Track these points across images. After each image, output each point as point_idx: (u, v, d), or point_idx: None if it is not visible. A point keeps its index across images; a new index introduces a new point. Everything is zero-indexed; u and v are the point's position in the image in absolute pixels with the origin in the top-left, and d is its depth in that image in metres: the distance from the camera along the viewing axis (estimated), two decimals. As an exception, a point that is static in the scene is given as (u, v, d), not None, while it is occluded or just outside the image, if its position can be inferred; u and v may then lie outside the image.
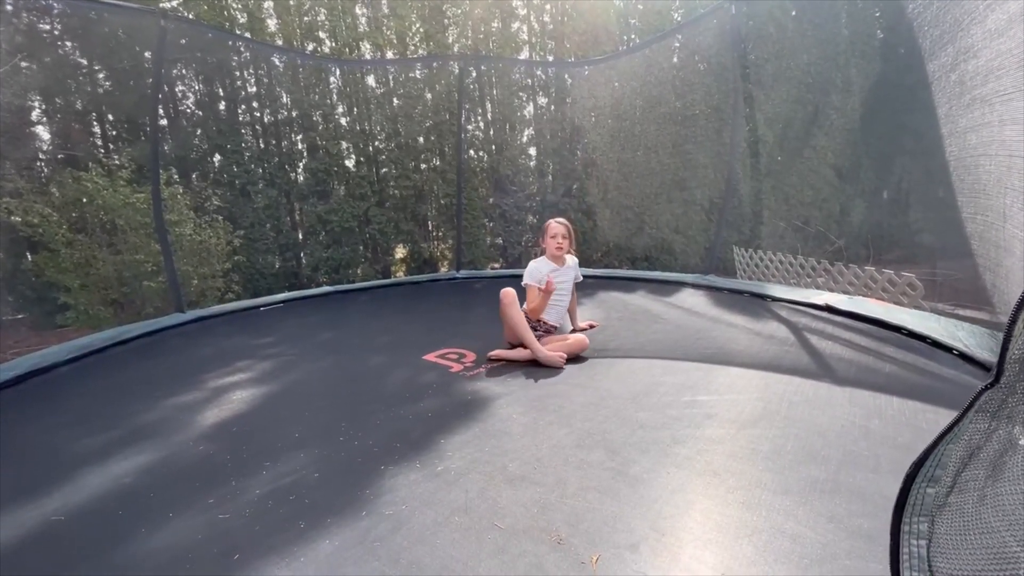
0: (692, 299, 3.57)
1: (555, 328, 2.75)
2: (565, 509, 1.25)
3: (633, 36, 9.13)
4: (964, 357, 1.99)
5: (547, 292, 2.59)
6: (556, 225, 2.71)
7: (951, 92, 1.90)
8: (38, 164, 6.93)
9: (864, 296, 3.90)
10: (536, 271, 2.66)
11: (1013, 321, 0.57)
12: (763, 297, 3.37)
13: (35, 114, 7.11)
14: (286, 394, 2.23)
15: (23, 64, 6.31)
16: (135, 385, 2.42)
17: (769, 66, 7.74)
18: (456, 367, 2.47)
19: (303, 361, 2.70)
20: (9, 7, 6.27)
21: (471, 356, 2.64)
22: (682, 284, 4.00)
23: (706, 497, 1.27)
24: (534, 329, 2.59)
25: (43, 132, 7.29)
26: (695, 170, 8.53)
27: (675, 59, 8.38)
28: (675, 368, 2.25)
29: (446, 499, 1.32)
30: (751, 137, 7.80)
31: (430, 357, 2.64)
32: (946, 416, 0.59)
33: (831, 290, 4.74)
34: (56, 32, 6.93)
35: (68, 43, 7.06)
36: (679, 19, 9.07)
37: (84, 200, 5.64)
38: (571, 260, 2.79)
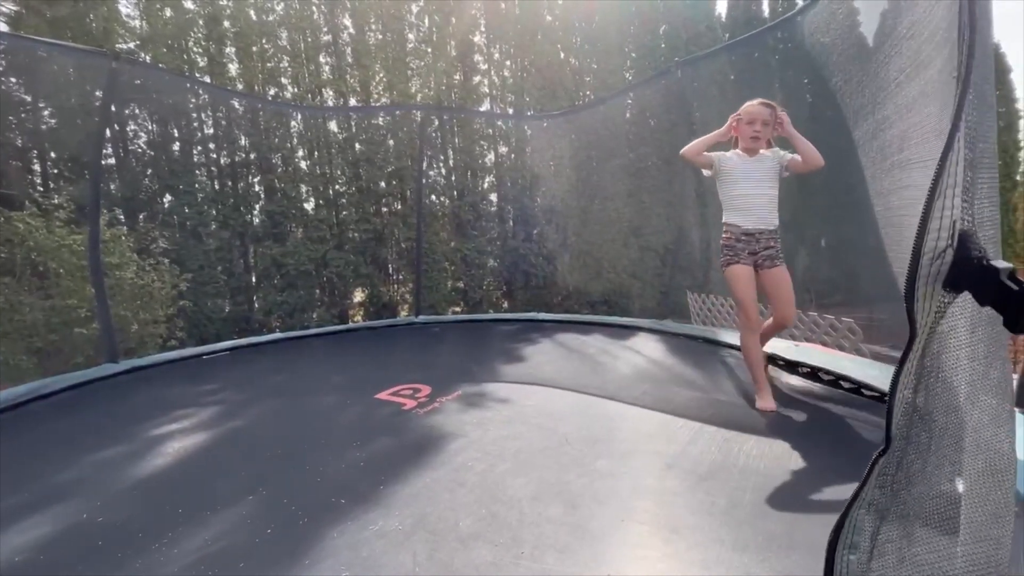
0: (649, 345, 3.62)
1: (752, 235, 2.29)
2: (521, 572, 1.19)
3: (588, 93, 9.67)
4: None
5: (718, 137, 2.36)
6: (758, 108, 2.28)
7: (874, 156, 2.08)
8: (-35, 202, 6.49)
9: (809, 341, 4.09)
10: (719, 156, 2.35)
11: (893, 391, 0.60)
12: (715, 344, 3.47)
13: (-33, 150, 6.73)
14: (220, 447, 2.08)
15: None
16: (51, 444, 2.19)
17: (713, 124, 8.32)
18: (409, 404, 2.38)
19: (244, 408, 2.54)
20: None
21: (426, 390, 2.56)
22: (639, 329, 4.08)
23: (666, 556, 1.24)
24: (727, 239, 2.32)
25: (-26, 169, 6.88)
26: (649, 218, 8.91)
27: (628, 115, 8.90)
28: (633, 414, 2.24)
29: (392, 563, 1.23)
30: (700, 187, 8.27)
31: (383, 395, 2.54)
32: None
33: (778, 334, 4.94)
34: (0, 68, 6.68)
35: (12, 79, 6.81)
36: (631, 79, 9.70)
37: (14, 241, 5.28)
38: (771, 153, 2.33)
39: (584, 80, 9.76)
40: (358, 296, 8.57)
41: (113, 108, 6.57)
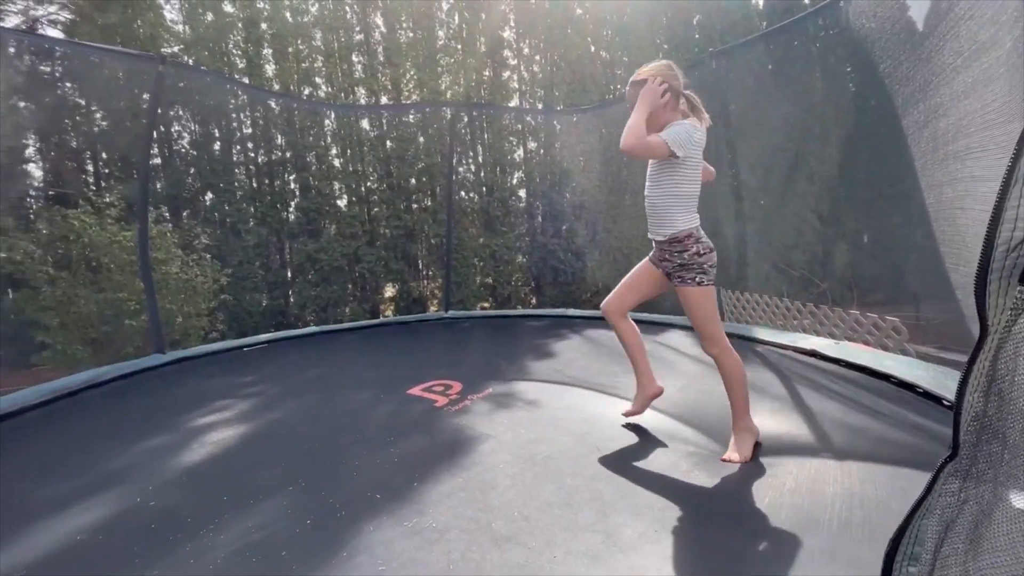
0: (682, 341, 3.56)
1: (654, 243, 1.95)
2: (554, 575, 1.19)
3: (619, 86, 9.52)
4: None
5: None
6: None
7: (925, 147, 1.97)
8: (27, 201, 6.92)
9: (850, 340, 3.93)
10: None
11: (961, 394, 0.57)
12: (751, 340, 3.37)
13: (29, 152, 7.15)
14: (262, 438, 2.15)
15: (21, 104, 6.39)
16: (105, 431, 2.32)
17: (749, 116, 8.07)
18: (441, 401, 2.41)
19: (283, 401, 2.62)
20: (12, 49, 6.39)
21: (457, 387, 2.59)
22: (671, 326, 4.01)
23: (699, 567, 1.21)
24: None
25: (35, 170, 7.33)
26: (681, 213, 8.68)
27: (660, 108, 8.70)
28: (666, 419, 2.21)
29: (427, 560, 1.25)
30: (734, 182, 8.05)
31: (415, 391, 2.58)
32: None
33: (817, 333, 4.77)
34: (57, 74, 7.07)
35: (68, 84, 7.20)
36: (663, 71, 9.47)
37: (70, 237, 5.59)
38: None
39: (615, 73, 9.61)
40: (389, 291, 8.71)
41: (159, 110, 6.86)
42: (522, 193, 9.36)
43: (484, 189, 8.92)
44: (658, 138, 1.70)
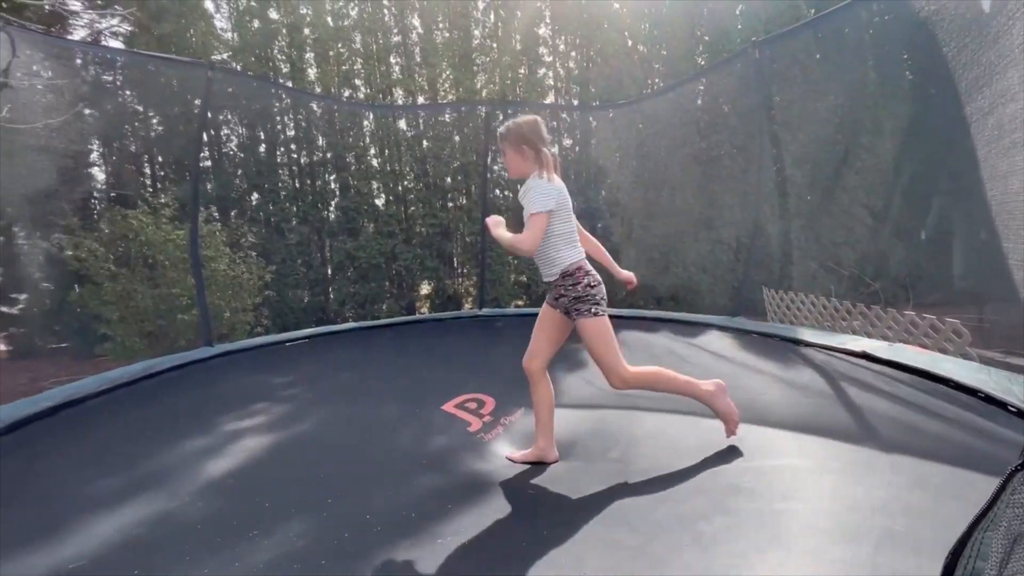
0: (720, 343, 3.45)
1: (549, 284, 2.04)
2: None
3: (657, 80, 9.31)
4: (1021, 414, 1.83)
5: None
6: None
7: (989, 135, 1.84)
8: (91, 202, 7.41)
9: (904, 343, 3.71)
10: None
11: None
12: (795, 342, 3.23)
13: (93, 156, 7.66)
14: (300, 445, 2.21)
15: (87, 111, 6.84)
16: (157, 422, 2.45)
17: (795, 107, 7.73)
18: (475, 423, 2.37)
19: (320, 406, 2.69)
20: (79, 61, 6.85)
21: (490, 405, 2.56)
22: (709, 326, 3.89)
23: (734, 577, 1.17)
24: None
25: (99, 173, 7.84)
26: (721, 210, 8.45)
27: (699, 101, 8.47)
28: (701, 427, 2.12)
29: (460, 575, 1.27)
30: (778, 177, 7.73)
31: (448, 407, 2.56)
32: (1001, 488, 0.53)
33: (868, 335, 4.53)
34: (118, 83, 7.54)
35: (127, 92, 7.67)
36: (703, 63, 9.23)
37: (129, 236, 5.95)
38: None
39: (653, 67, 9.41)
40: (425, 289, 8.84)
41: (209, 114, 7.20)
42: (557, 191, 9.31)
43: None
44: (532, 219, 1.89)
